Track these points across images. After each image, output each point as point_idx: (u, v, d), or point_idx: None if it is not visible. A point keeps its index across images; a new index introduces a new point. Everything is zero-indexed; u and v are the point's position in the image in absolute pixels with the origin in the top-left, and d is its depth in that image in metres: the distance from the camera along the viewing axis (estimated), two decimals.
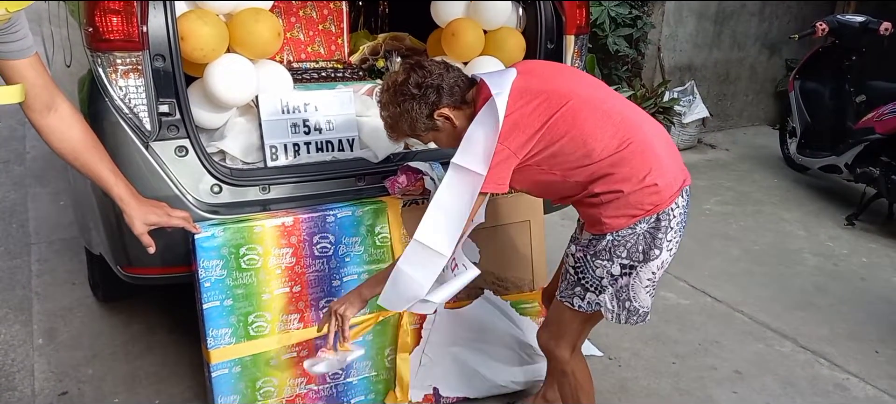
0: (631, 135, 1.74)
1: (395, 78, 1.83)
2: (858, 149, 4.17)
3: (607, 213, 1.76)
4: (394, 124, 1.86)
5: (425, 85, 1.79)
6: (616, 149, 1.73)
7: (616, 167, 1.73)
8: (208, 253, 1.91)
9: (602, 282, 1.82)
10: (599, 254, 1.79)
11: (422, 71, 1.81)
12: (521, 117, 1.73)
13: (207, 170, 2.08)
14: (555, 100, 1.74)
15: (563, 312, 1.93)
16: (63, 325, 2.78)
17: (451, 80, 1.82)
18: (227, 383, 1.99)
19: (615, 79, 5.12)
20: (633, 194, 1.73)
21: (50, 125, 1.61)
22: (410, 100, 1.79)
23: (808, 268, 3.64)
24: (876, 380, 2.67)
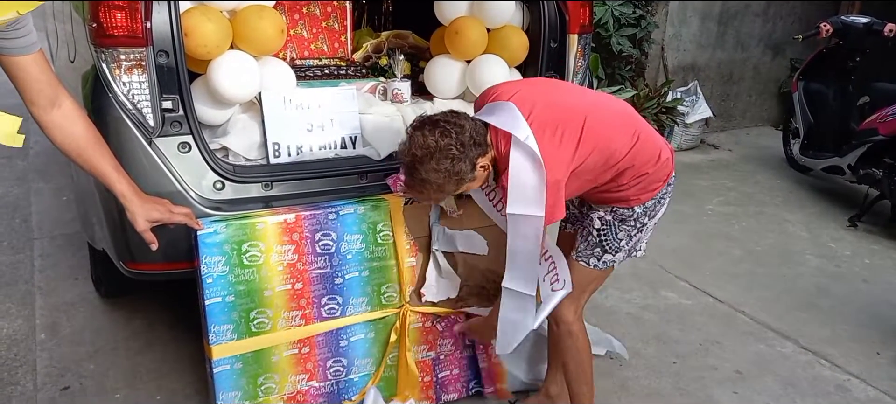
0: (634, 126, 1.93)
1: (429, 145, 1.77)
2: (862, 150, 4.16)
3: (634, 193, 1.95)
4: (441, 188, 1.83)
5: (464, 142, 1.79)
6: (631, 144, 1.90)
7: (636, 158, 1.90)
8: (210, 249, 1.91)
9: (621, 244, 2.02)
10: (626, 221, 1.99)
11: (454, 128, 1.79)
12: (553, 149, 1.81)
13: (210, 167, 2.09)
14: (574, 121, 1.84)
15: (578, 270, 2.04)
16: (65, 320, 2.79)
17: (476, 129, 1.83)
18: (229, 379, 1.99)
19: (618, 78, 5.12)
20: (654, 172, 1.94)
21: (53, 121, 1.61)
22: (458, 160, 1.79)
23: (810, 270, 3.63)
24: (877, 382, 2.67)
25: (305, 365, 2.10)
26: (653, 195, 1.96)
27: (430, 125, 1.81)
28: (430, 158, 1.78)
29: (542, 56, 2.58)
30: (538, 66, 2.59)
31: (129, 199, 1.73)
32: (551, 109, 1.85)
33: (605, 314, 3.01)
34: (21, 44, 1.47)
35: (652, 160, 1.93)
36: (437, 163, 1.78)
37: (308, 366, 2.11)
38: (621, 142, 1.88)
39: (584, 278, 2.06)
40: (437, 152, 1.77)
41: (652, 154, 1.93)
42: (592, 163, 1.86)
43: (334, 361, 2.15)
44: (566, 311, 2.07)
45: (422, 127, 1.82)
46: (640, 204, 1.97)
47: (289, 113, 2.26)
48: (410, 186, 1.89)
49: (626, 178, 1.92)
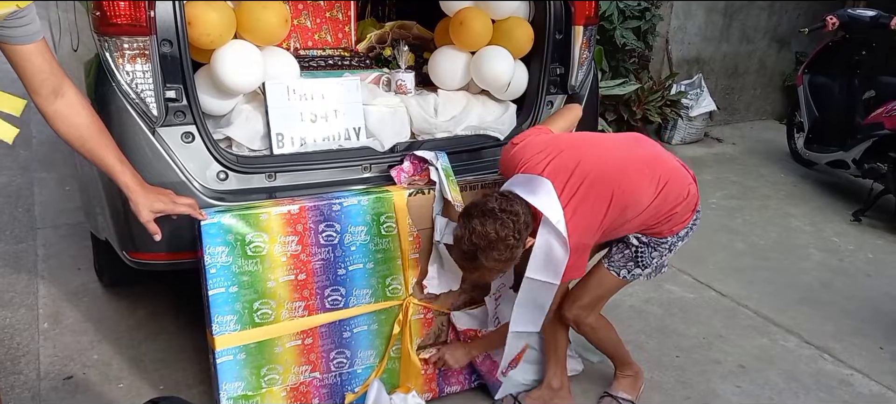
0: (660, 170, 2.03)
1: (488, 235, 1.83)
2: (866, 144, 4.14)
3: (666, 229, 2.07)
4: (496, 271, 1.95)
5: (520, 229, 1.86)
6: (658, 190, 2.00)
7: (664, 202, 2.02)
8: (214, 239, 1.90)
9: (652, 262, 2.14)
10: (659, 246, 2.11)
11: (510, 217, 1.85)
12: (585, 219, 1.92)
13: (214, 157, 2.08)
14: (605, 187, 1.94)
15: (605, 278, 2.17)
16: (68, 310, 2.79)
17: (526, 213, 1.89)
18: (232, 370, 1.99)
19: (622, 71, 5.09)
20: (682, 210, 2.06)
21: (56, 111, 1.60)
22: (515, 248, 1.87)
23: (814, 264, 3.62)
24: (880, 376, 2.66)
25: (308, 357, 2.10)
26: (683, 226, 2.10)
27: (488, 214, 1.85)
28: (491, 249, 1.85)
29: (547, 48, 2.57)
30: (543, 58, 2.58)
31: (133, 190, 1.73)
32: (582, 178, 1.94)
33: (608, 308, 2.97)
34: (23, 33, 1.47)
35: (680, 199, 2.04)
36: (498, 253, 1.85)
37: (311, 358, 2.10)
38: (648, 191, 1.99)
39: (611, 286, 2.20)
40: (498, 243, 1.84)
41: (679, 193, 2.04)
42: (621, 217, 1.98)
43: (337, 353, 2.14)
44: (587, 318, 2.22)
45: (480, 215, 1.86)
46: (673, 234, 2.10)
47: (292, 103, 2.25)
48: (464, 267, 1.99)
49: (655, 220, 2.04)
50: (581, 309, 2.20)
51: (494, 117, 2.64)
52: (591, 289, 2.19)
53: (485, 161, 2.50)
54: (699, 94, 5.42)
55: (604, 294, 2.22)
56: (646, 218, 2.03)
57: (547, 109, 2.65)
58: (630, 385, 2.39)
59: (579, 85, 2.66)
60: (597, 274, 2.19)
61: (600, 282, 2.18)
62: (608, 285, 2.19)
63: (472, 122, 2.58)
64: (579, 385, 2.48)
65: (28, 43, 1.49)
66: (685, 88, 5.37)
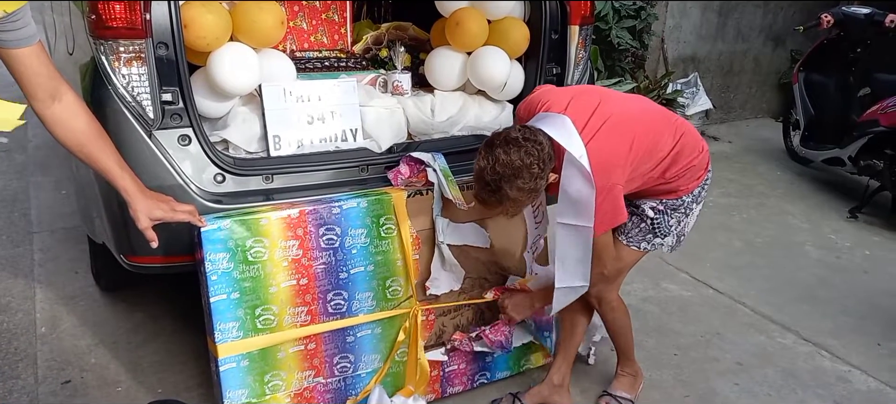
0: (675, 122, 2.06)
1: (514, 163, 1.80)
2: (862, 141, 4.15)
3: (683, 183, 2.07)
4: (521, 203, 1.93)
5: (544, 159, 1.85)
6: (676, 139, 2.02)
7: (682, 152, 2.03)
8: (215, 245, 1.90)
9: (671, 229, 2.13)
10: (677, 209, 2.11)
11: (535, 146, 1.83)
12: (610, 155, 1.89)
13: (210, 160, 2.08)
14: (626, 128, 1.93)
15: (623, 252, 2.15)
16: (66, 314, 2.78)
17: (550, 144, 1.87)
18: (236, 377, 1.98)
19: (618, 71, 5.10)
20: (698, 163, 2.08)
21: (54, 115, 1.59)
22: (539, 178, 1.85)
23: (811, 261, 3.63)
24: (878, 373, 2.67)
25: (312, 362, 2.09)
26: (698, 183, 2.10)
27: (511, 143, 1.83)
28: (516, 177, 1.81)
29: (544, 48, 2.57)
30: (539, 57, 2.58)
31: (133, 195, 1.71)
32: (603, 119, 1.92)
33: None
34: (19, 36, 1.46)
35: (696, 151, 2.07)
36: (522, 182, 1.82)
37: (315, 363, 2.09)
38: (667, 140, 2.01)
39: (630, 259, 2.19)
40: (522, 170, 1.81)
41: (695, 146, 2.07)
42: (644, 164, 1.98)
43: (341, 357, 2.14)
44: (609, 294, 2.23)
45: (503, 144, 1.83)
46: (689, 193, 2.09)
47: (289, 105, 2.25)
48: (485, 201, 1.93)
49: (674, 171, 2.04)
50: (604, 284, 2.15)
51: (491, 117, 2.64)
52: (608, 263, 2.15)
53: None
54: (695, 92, 5.44)
55: (624, 267, 2.19)
56: (665, 167, 2.01)
57: None
58: (629, 384, 2.39)
59: (575, 84, 2.66)
60: (617, 250, 2.15)
61: (620, 257, 2.14)
62: (628, 258, 2.17)
63: (469, 123, 2.58)
64: (579, 384, 2.48)
65: (24, 46, 1.48)
66: (681, 87, 5.39)
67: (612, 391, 2.38)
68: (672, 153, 2.01)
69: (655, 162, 2.00)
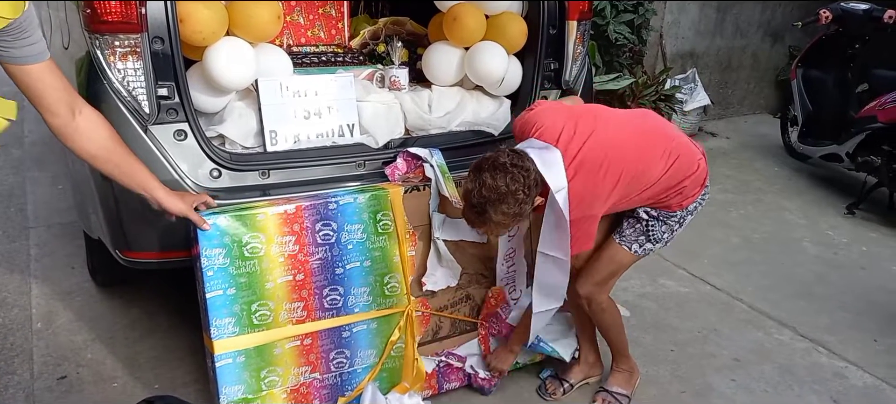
0: (670, 145, 2.05)
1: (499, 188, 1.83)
2: (860, 137, 4.15)
3: (675, 202, 2.09)
4: (504, 226, 1.93)
5: (530, 185, 1.86)
6: (668, 165, 2.03)
7: (674, 176, 2.04)
8: (211, 241, 1.89)
9: (663, 237, 2.15)
10: (669, 219, 2.13)
11: (521, 172, 1.85)
12: (594, 187, 1.94)
13: (207, 155, 2.07)
14: (617, 160, 1.95)
15: (617, 253, 2.17)
16: (62, 309, 2.78)
17: (537, 171, 1.90)
18: (232, 373, 1.97)
19: (616, 66, 5.08)
20: (691, 183, 2.08)
21: (79, 128, 1.58)
22: (524, 203, 1.87)
23: (808, 257, 3.63)
24: (874, 369, 2.67)
25: (308, 357, 2.09)
26: (692, 200, 2.11)
27: (498, 168, 1.85)
28: (500, 202, 1.84)
29: (541, 43, 2.56)
30: (537, 53, 2.58)
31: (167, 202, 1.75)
32: (595, 149, 1.95)
33: None
34: (33, 52, 1.44)
35: (689, 172, 2.06)
36: (507, 207, 1.85)
37: (311, 358, 2.09)
38: (659, 167, 2.02)
39: (623, 261, 2.19)
40: (508, 196, 1.84)
41: (689, 167, 2.06)
42: (631, 191, 2.01)
43: (337, 353, 2.13)
44: (599, 296, 2.23)
45: (491, 168, 1.85)
46: (682, 208, 2.11)
47: (286, 100, 2.24)
48: (472, 221, 1.95)
49: (666, 193, 2.06)
50: (594, 287, 2.20)
51: (489, 113, 2.63)
52: (604, 265, 2.19)
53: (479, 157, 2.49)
54: (693, 88, 5.42)
55: (617, 269, 2.22)
56: (656, 191, 2.04)
57: None
58: (625, 380, 2.40)
59: (573, 80, 2.66)
60: (609, 249, 2.18)
61: (613, 258, 2.18)
62: (621, 260, 2.19)
63: (467, 118, 2.57)
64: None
65: (38, 62, 1.46)
66: (679, 83, 5.37)
67: (609, 387, 2.38)
68: (663, 178, 2.03)
69: (644, 186, 2.02)
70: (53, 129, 1.58)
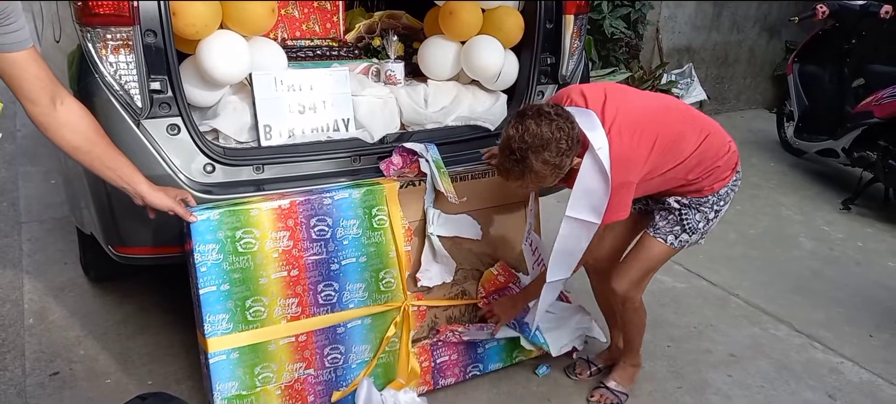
0: (701, 123, 2.04)
1: (543, 135, 1.78)
2: (856, 133, 4.15)
3: (706, 184, 2.06)
4: (543, 179, 1.85)
5: (572, 137, 1.82)
6: (700, 140, 2.00)
7: (706, 152, 2.01)
8: (204, 236, 1.87)
9: (698, 226, 2.11)
10: (702, 206, 2.09)
11: (566, 122, 1.81)
12: (630, 151, 1.89)
13: (200, 150, 2.05)
14: (650, 125, 1.93)
15: (654, 248, 2.14)
16: (54, 305, 2.75)
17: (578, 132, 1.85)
18: (226, 369, 1.96)
19: (613, 61, 5.08)
20: (724, 164, 2.06)
21: (60, 119, 1.55)
22: (565, 155, 1.81)
23: (804, 253, 3.63)
24: (870, 365, 2.67)
25: (303, 354, 2.07)
26: (724, 184, 2.08)
27: (543, 115, 1.80)
28: (543, 149, 1.79)
29: (538, 37, 2.55)
30: (533, 47, 2.56)
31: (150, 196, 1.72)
32: (630, 113, 1.92)
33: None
34: (15, 39, 1.42)
35: (721, 152, 2.05)
36: (549, 155, 1.79)
37: (305, 354, 2.07)
38: (691, 140, 1.99)
39: (659, 255, 2.16)
40: (551, 144, 1.78)
41: (721, 147, 2.05)
42: (665, 163, 1.97)
43: (332, 349, 2.12)
44: (635, 294, 2.20)
45: (535, 115, 1.80)
46: (714, 192, 2.08)
47: (280, 94, 2.22)
48: (508, 171, 1.87)
49: (697, 172, 2.03)
50: (632, 286, 2.17)
51: (485, 108, 2.62)
52: (640, 261, 2.16)
53: (475, 152, 2.48)
54: (689, 83, 5.42)
55: (653, 265, 2.18)
56: (687, 168, 2.00)
57: (537, 99, 2.64)
58: (629, 376, 2.39)
59: (570, 74, 2.64)
60: (645, 244, 2.16)
61: (649, 254, 2.15)
62: (657, 255, 2.15)
63: (463, 113, 2.56)
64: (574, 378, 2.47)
65: (20, 50, 1.44)
66: (675, 77, 5.37)
67: (608, 383, 2.37)
68: (695, 154, 1.99)
69: (676, 161, 1.98)
70: (33, 119, 1.55)
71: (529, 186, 1.95)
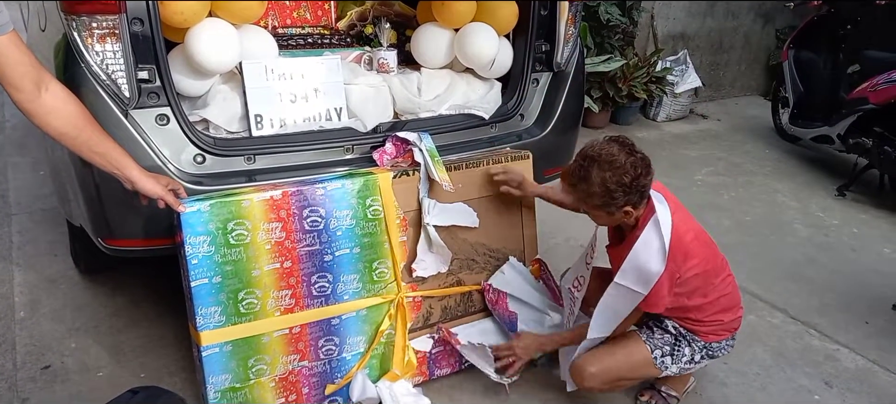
0: (733, 284, 2.15)
1: (615, 156, 1.85)
2: (851, 119, 4.14)
3: (705, 330, 2.10)
4: (591, 195, 1.90)
5: (638, 181, 1.87)
6: (722, 291, 2.09)
7: (720, 302, 2.09)
8: (195, 228, 1.84)
9: (682, 360, 2.11)
10: (694, 343, 2.11)
11: (643, 166, 1.88)
12: (686, 249, 1.95)
13: (190, 140, 2.02)
14: (703, 243, 2.03)
15: (639, 350, 2.10)
16: (45, 298, 2.72)
17: (650, 185, 1.93)
18: (219, 362, 1.94)
19: (607, 48, 5.05)
20: (728, 322, 2.13)
21: (45, 105, 1.52)
22: (621, 190, 1.86)
23: (800, 240, 3.63)
24: (866, 351, 2.67)
25: (296, 346, 2.05)
26: (718, 340, 2.13)
27: (627, 146, 1.89)
28: (607, 167, 1.85)
29: (532, 24, 2.52)
30: (528, 34, 2.53)
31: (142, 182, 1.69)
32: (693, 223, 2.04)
33: None
34: None
35: (730, 310, 2.12)
36: (608, 176, 1.85)
37: (299, 346, 2.06)
38: (718, 284, 2.08)
39: (638, 359, 2.09)
40: (616, 168, 1.85)
41: (732, 304, 2.13)
42: (697, 287, 2.02)
43: (326, 341, 2.10)
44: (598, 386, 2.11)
45: (621, 142, 1.90)
46: (707, 342, 2.12)
47: (271, 83, 2.19)
48: (570, 173, 1.94)
49: (705, 314, 2.08)
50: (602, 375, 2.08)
51: (479, 96, 2.59)
52: (617, 357, 2.09)
53: (470, 140, 2.46)
54: (684, 70, 5.40)
55: (626, 372, 2.11)
56: (699, 305, 2.06)
57: (532, 87, 2.61)
58: (680, 381, 2.31)
59: (565, 62, 2.62)
60: (631, 342, 2.11)
61: (631, 353, 2.09)
62: (637, 359, 2.09)
63: (457, 101, 2.53)
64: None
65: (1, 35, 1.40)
66: (670, 64, 5.35)
67: (659, 385, 2.31)
68: (712, 297, 2.06)
69: (703, 292, 2.04)
70: (19, 106, 1.52)
71: (577, 196, 1.96)
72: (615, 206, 1.90)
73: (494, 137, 2.51)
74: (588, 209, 1.99)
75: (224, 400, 1.97)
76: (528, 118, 2.62)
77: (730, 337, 2.17)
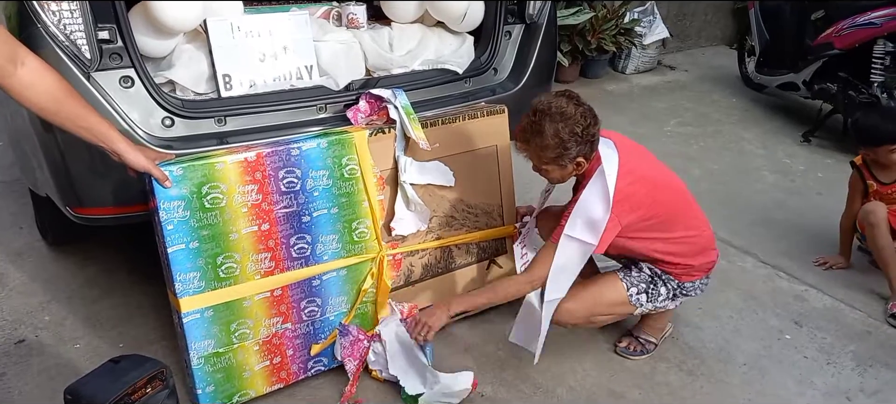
0: (699, 223, 2.17)
1: (564, 109, 1.88)
2: (817, 65, 4.20)
3: (677, 272, 2.15)
4: (545, 148, 1.91)
5: (589, 133, 1.91)
6: (689, 234, 2.12)
7: (688, 246, 2.13)
8: (168, 193, 1.79)
9: (659, 298, 2.17)
10: (668, 283, 2.16)
11: (591, 117, 1.92)
12: (632, 195, 1.96)
13: (157, 103, 1.96)
14: (656, 190, 2.03)
15: (614, 287, 2.15)
16: (13, 271, 2.65)
17: (599, 135, 1.96)
18: (200, 328, 1.91)
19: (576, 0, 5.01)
20: (699, 265, 2.16)
21: (21, 81, 1.45)
22: (574, 140, 1.89)
23: (767, 185, 3.71)
24: (833, 291, 2.76)
25: (279, 308, 2.03)
26: (691, 280, 2.18)
27: (574, 98, 1.93)
28: (559, 118, 1.87)
29: None
30: None
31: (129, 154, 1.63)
32: (646, 170, 2.04)
33: None
34: None
35: (699, 254, 2.15)
36: (561, 127, 1.87)
37: (282, 309, 2.04)
38: (682, 225, 2.10)
39: (613, 297, 2.15)
40: (568, 120, 1.87)
41: (703, 251, 2.16)
42: (652, 228, 2.04)
43: (308, 302, 2.09)
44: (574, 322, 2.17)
45: (568, 95, 1.93)
46: (681, 282, 2.17)
47: (238, 42, 2.13)
48: (523, 130, 1.95)
49: (676, 259, 2.12)
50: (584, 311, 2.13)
51: (451, 50, 2.56)
52: (593, 292, 2.14)
53: (444, 96, 2.43)
54: (652, 21, 5.40)
55: (604, 308, 2.16)
56: (668, 249, 2.10)
57: (505, 40, 2.58)
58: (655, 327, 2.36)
59: (537, 14, 2.59)
60: (607, 281, 2.17)
61: (607, 290, 2.15)
62: (612, 296, 2.15)
63: (429, 56, 2.49)
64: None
65: None
66: (638, 16, 5.34)
67: (637, 332, 2.36)
68: (680, 240, 2.10)
69: (662, 235, 2.07)
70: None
71: (530, 151, 1.97)
72: (568, 158, 1.93)
73: (469, 92, 2.49)
74: (541, 166, 1.99)
75: (208, 365, 1.95)
76: (501, 72, 2.59)
77: (703, 276, 2.21)
